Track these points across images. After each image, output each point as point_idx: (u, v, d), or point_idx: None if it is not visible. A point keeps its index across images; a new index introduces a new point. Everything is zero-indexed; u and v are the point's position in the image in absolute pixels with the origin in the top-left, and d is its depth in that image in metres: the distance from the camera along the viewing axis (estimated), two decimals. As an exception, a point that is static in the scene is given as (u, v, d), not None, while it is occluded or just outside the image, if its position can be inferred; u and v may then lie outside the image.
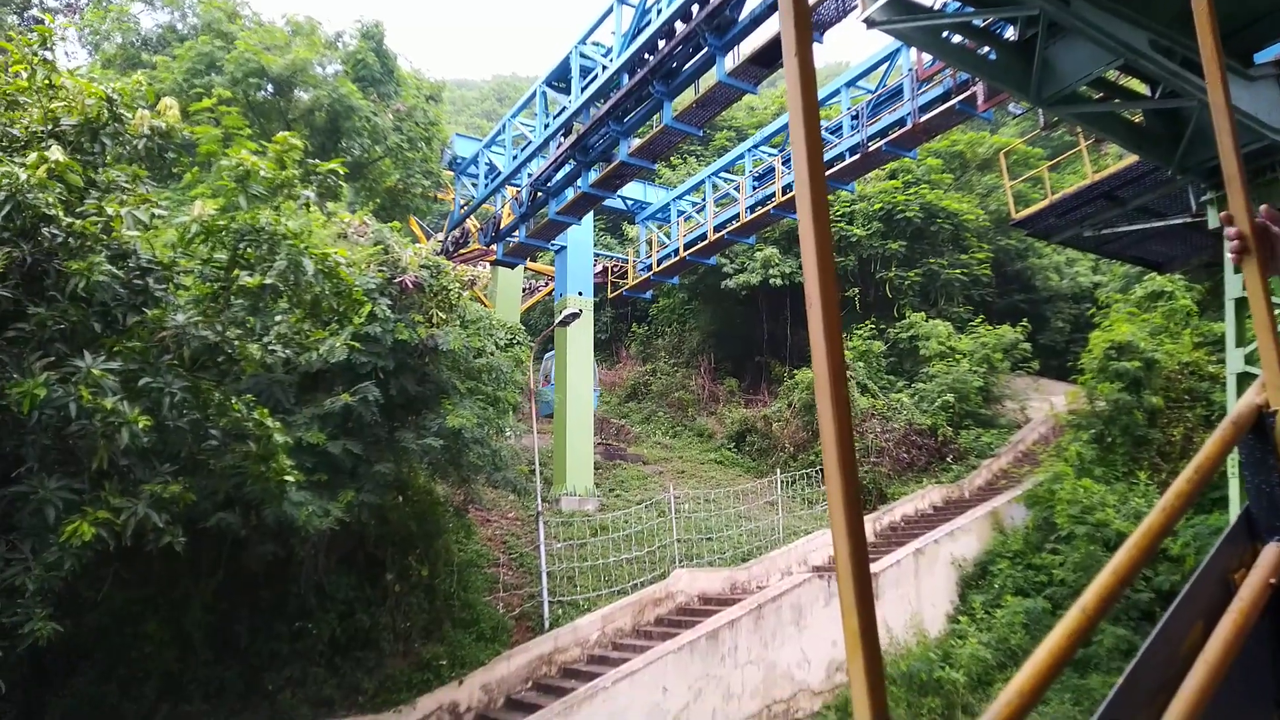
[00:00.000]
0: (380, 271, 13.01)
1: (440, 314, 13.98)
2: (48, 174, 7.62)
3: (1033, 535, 18.87)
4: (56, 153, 7.65)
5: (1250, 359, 12.82)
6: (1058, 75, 11.88)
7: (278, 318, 11.55)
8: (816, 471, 23.98)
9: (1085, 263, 34.61)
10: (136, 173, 9.25)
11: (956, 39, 13.05)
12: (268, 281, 9.17)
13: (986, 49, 12.50)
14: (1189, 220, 15.97)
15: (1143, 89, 13.37)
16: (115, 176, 8.90)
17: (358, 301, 10.94)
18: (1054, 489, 18.58)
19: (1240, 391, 11.74)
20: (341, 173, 10.43)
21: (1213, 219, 13.89)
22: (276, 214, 9.44)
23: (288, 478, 10.11)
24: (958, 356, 27.29)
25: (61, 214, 7.66)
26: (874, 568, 17.03)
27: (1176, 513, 1.92)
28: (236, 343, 9.68)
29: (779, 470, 24.35)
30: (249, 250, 9.46)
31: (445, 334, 13.49)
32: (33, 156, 7.54)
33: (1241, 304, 13.28)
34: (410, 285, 13.16)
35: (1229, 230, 1.61)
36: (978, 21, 12.21)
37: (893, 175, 31.95)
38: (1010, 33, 12.67)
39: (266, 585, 12.84)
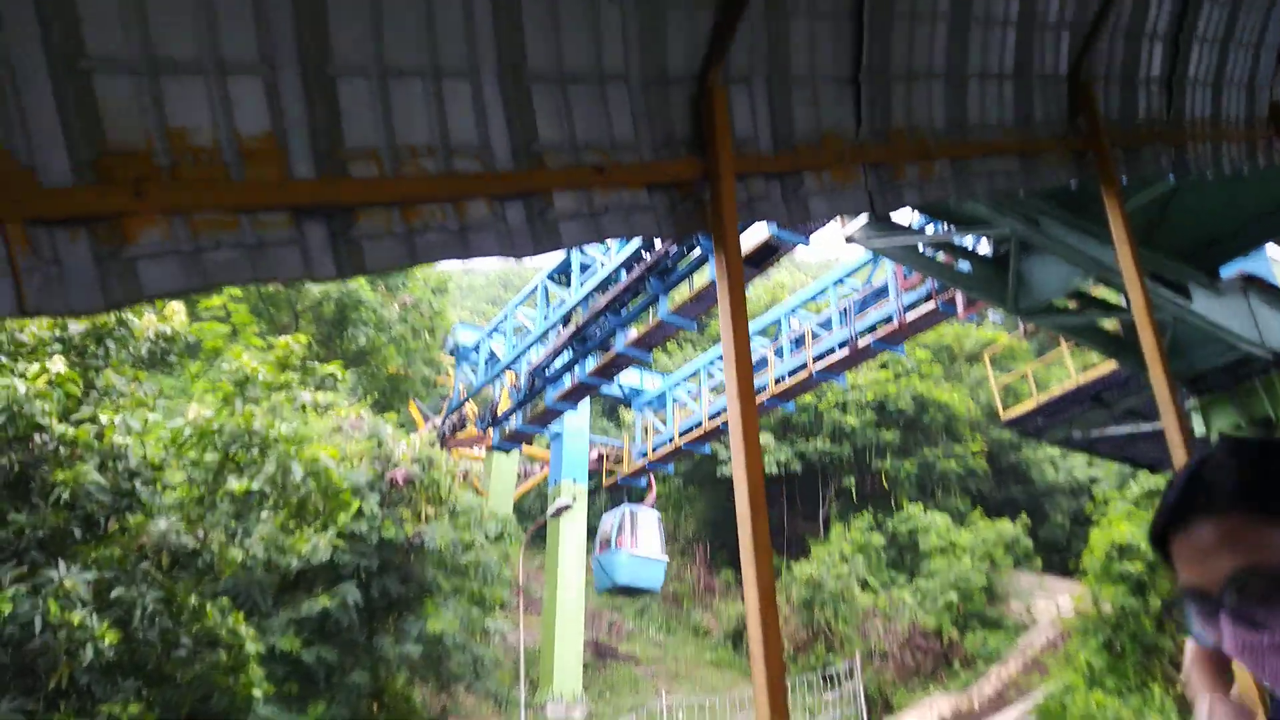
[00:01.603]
0: (372, 467, 12.99)
1: (429, 508, 13.82)
2: (47, 383, 7.77)
3: (1050, 756, 17.68)
4: (59, 363, 7.84)
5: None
6: (1033, 288, 12.36)
7: (263, 515, 11.40)
8: (821, 676, 22.80)
9: (1081, 455, 34.66)
10: (137, 375, 9.43)
11: (935, 253, 13.70)
12: (254, 488, 9.13)
13: (964, 263, 13.10)
14: (1177, 423, 16.11)
15: (1119, 300, 13.88)
16: (114, 381, 9.07)
17: (345, 501, 10.84)
18: (1065, 703, 17.61)
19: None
20: (340, 375, 10.65)
21: (1198, 425, 14.03)
22: (271, 417, 9.55)
23: (256, 692, 9.62)
24: (958, 551, 26.71)
25: (55, 422, 7.74)
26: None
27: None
28: (217, 548, 9.50)
29: (778, 672, 23.17)
30: (240, 453, 9.48)
31: (433, 530, 13.27)
32: (35, 367, 7.72)
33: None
34: (401, 480, 13.09)
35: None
36: (955, 239, 12.89)
37: (884, 365, 32.64)
38: (985, 247, 13.34)
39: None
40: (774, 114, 2.78)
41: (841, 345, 21.32)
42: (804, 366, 22.10)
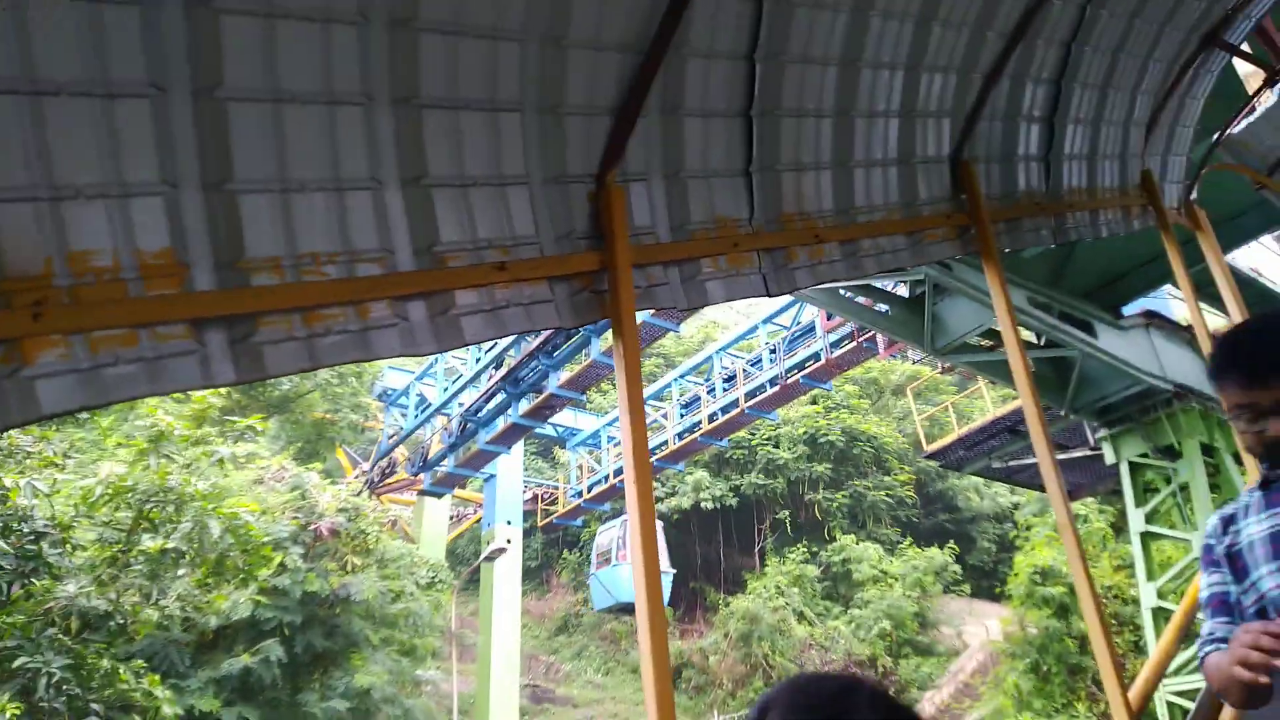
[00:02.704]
0: (295, 519, 12.69)
1: (356, 559, 13.54)
2: (-56, 446, 7.45)
3: (982, 782, 18.04)
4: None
5: (1162, 593, 13.06)
6: (948, 328, 12.85)
7: (180, 572, 11.03)
8: (755, 710, 22.84)
9: (1003, 484, 35.77)
10: (44, 435, 9.10)
11: (854, 296, 14.15)
12: (169, 545, 8.86)
13: (883, 305, 13.57)
14: (1089, 453, 16.82)
15: (1032, 337, 14.53)
16: (20, 441, 8.73)
17: (265, 556, 10.58)
18: (995, 727, 18.04)
19: (1159, 628, 11.89)
20: (260, 428, 10.44)
21: (1109, 454, 14.66)
22: (187, 473, 9.30)
23: (172, 757, 9.24)
24: (890, 580, 27.22)
25: (-49, 487, 7.41)
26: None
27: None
28: (130, 608, 9.17)
29: (717, 711, 23.16)
30: (155, 510, 9.20)
31: (359, 581, 12.99)
32: (-69, 430, 7.39)
33: (1147, 537, 13.76)
34: (326, 532, 12.82)
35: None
36: (873, 282, 13.35)
37: (814, 400, 33.29)
38: (903, 289, 13.85)
39: None
40: (670, 206, 2.94)
41: (772, 383, 21.73)
42: (736, 404, 22.41)
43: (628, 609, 22.72)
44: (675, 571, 25.65)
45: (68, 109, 1.81)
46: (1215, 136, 5.69)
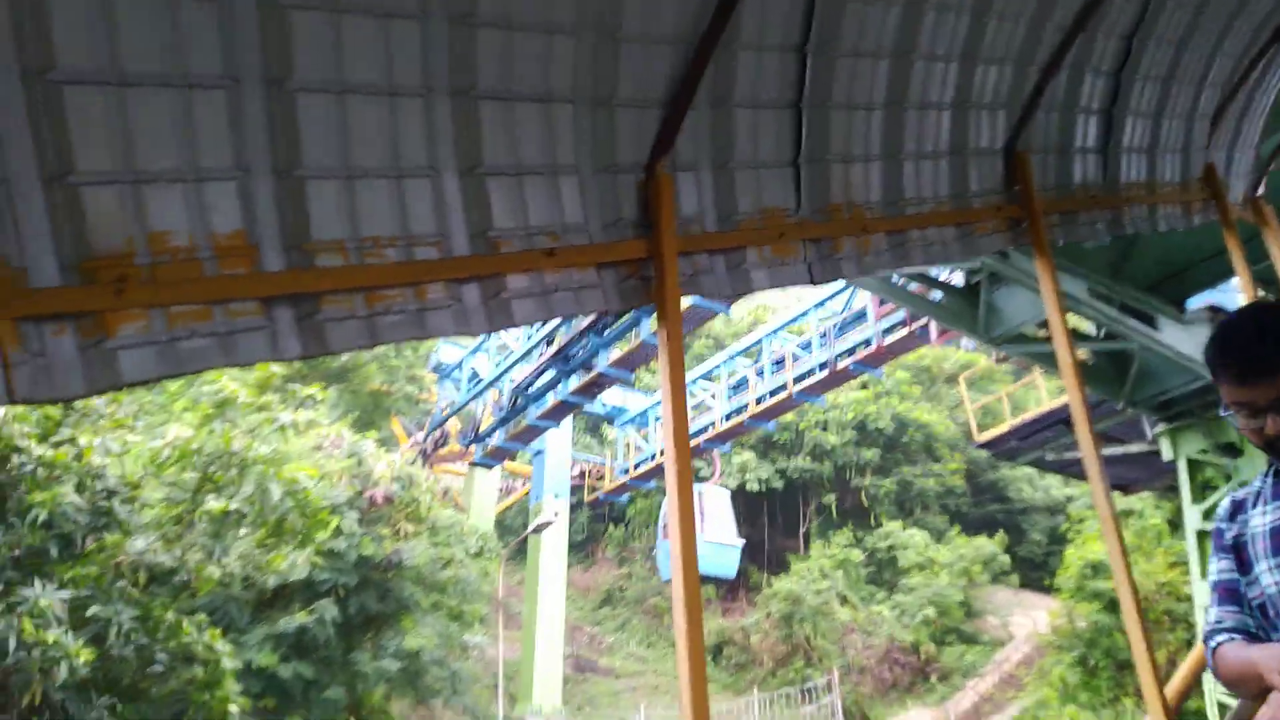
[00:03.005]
0: (351, 485, 13.10)
1: (408, 526, 13.93)
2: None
3: (1022, 773, 17.91)
4: (40, 386, 7.93)
5: (1217, 593, 12.71)
6: (1003, 318, 12.61)
7: (241, 533, 11.50)
8: (799, 691, 22.95)
9: (1056, 475, 35.03)
10: (116, 397, 9.53)
11: (908, 284, 13.96)
12: (232, 507, 9.25)
13: (936, 292, 13.37)
14: (1146, 448, 16.41)
15: (1092, 329, 14.19)
16: (94, 402, 9.17)
17: (323, 520, 10.96)
18: (1039, 717, 17.86)
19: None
20: (320, 396, 10.79)
21: (1166, 450, 14.30)
22: (250, 437, 9.68)
23: (232, 707, 9.70)
24: (936, 568, 26.96)
25: (34, 444, 7.84)
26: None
27: None
28: (194, 565, 9.60)
29: (757, 688, 23.31)
30: (219, 473, 9.60)
31: (412, 547, 13.38)
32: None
33: (1203, 536, 13.41)
34: (380, 499, 13.21)
35: None
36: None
37: (864, 386, 32.94)
38: (958, 278, 13.62)
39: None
40: (718, 196, 2.99)
41: (822, 367, 21.58)
42: (784, 387, 22.31)
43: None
44: (744, 543, 24.74)
45: (150, 99, 1.95)
46: (1286, 130, 5.51)
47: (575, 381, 21.76)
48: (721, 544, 21.97)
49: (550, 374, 22.21)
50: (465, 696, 14.45)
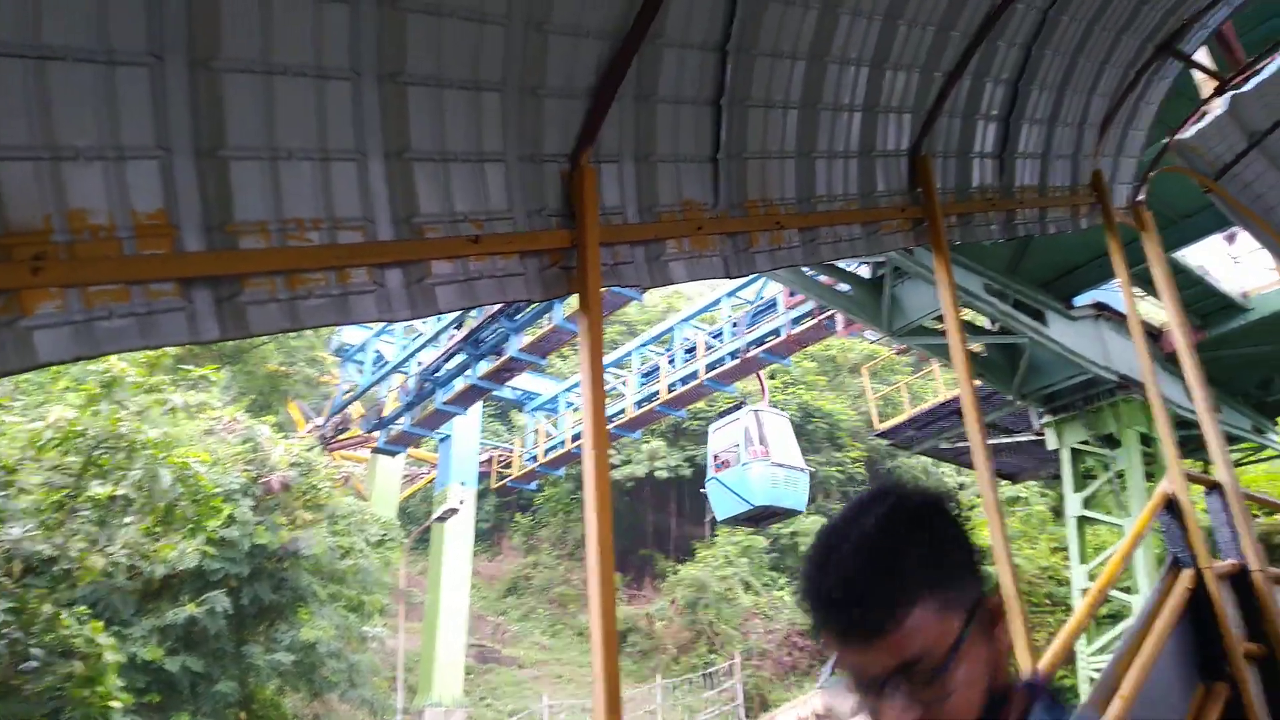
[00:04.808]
0: (246, 471, 12.64)
1: (306, 514, 13.55)
2: (-110, 383, 7.31)
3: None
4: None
5: (1093, 575, 13.64)
6: (905, 311, 13.16)
7: (128, 520, 10.97)
8: (700, 676, 23.42)
9: (950, 464, 36.74)
10: (-9, 376, 8.94)
11: (817, 275, 14.38)
12: (119, 492, 8.81)
13: (844, 284, 13.83)
14: (1033, 438, 17.40)
15: (987, 323, 14.93)
16: (-33, 381, 8.58)
17: (215, 507, 10.56)
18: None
19: (1085, 607, 12.46)
20: (213, 377, 10.37)
21: (1051, 440, 15.20)
22: (138, 420, 9.23)
23: (114, 702, 9.28)
24: (835, 554, 27.88)
25: (-103, 425, 7.28)
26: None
27: (1131, 548, 4.42)
28: (76, 554, 9.12)
29: (660, 675, 23.67)
30: (104, 457, 9.13)
31: (310, 536, 13.02)
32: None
33: (1082, 522, 14.35)
34: (277, 486, 12.80)
35: None
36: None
37: (772, 375, 33.71)
38: (865, 270, 14.12)
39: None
40: (640, 188, 3.06)
41: (733, 356, 21.99)
42: (695, 375, 22.63)
43: (762, 515, 19.16)
44: (811, 469, 21.99)
45: (70, 74, 1.88)
46: (1164, 141, 5.94)
47: (485, 366, 21.52)
48: (792, 467, 19.61)
49: (460, 358, 21.89)
50: (363, 689, 14.15)
